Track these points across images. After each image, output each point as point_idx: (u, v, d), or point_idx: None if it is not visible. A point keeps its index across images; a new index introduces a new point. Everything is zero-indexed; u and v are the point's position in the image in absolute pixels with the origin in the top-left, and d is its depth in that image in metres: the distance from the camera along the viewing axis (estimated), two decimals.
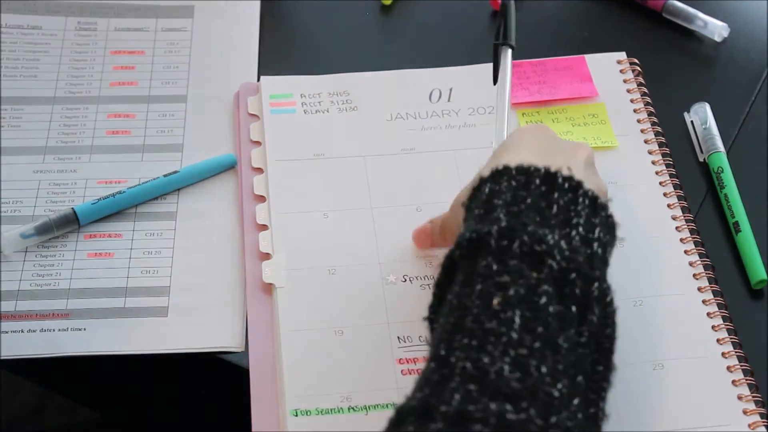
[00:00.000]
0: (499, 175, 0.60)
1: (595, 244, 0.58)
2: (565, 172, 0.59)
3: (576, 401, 0.52)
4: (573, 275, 0.55)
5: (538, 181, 0.59)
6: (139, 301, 0.72)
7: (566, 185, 0.59)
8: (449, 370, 0.51)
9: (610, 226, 0.60)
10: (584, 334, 0.55)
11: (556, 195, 0.58)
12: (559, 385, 0.51)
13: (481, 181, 0.60)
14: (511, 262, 0.55)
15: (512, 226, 0.56)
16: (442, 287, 0.59)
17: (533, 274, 0.54)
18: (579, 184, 0.59)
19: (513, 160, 0.60)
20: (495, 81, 0.74)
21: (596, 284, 0.56)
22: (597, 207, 0.59)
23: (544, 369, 0.51)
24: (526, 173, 0.59)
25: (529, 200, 0.58)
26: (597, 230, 0.59)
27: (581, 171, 0.61)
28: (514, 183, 0.59)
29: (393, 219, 0.75)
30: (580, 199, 0.59)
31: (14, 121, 0.82)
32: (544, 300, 0.54)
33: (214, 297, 0.72)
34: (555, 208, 0.58)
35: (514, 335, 0.52)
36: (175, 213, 0.77)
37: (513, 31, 0.73)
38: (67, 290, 0.72)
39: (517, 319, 0.53)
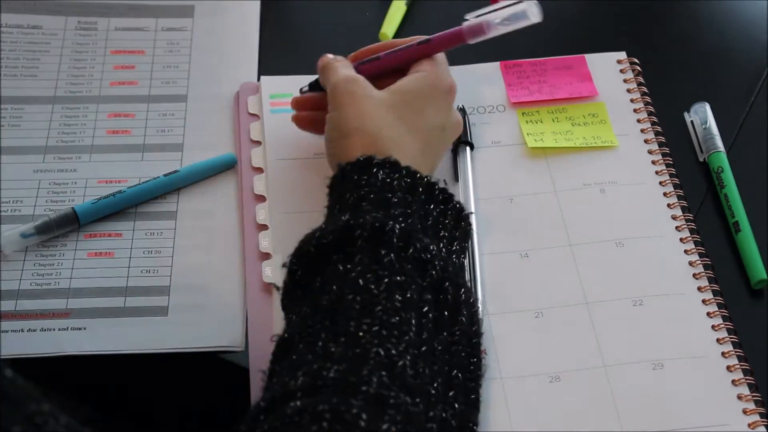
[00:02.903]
0: (392, 167, 0.64)
1: (454, 256, 0.65)
2: (441, 185, 0.66)
3: (451, 394, 0.59)
4: (447, 284, 0.61)
5: (421, 189, 0.64)
6: (139, 300, 0.72)
7: (441, 197, 0.65)
8: (362, 351, 0.56)
9: (465, 234, 0.68)
10: (456, 334, 0.61)
11: (431, 206, 0.65)
12: (436, 384, 0.58)
13: (374, 161, 0.64)
14: (406, 266, 0.60)
15: (408, 230, 0.61)
16: (329, 250, 0.61)
17: (419, 281, 0.60)
18: (450, 197, 0.66)
19: (393, 140, 0.66)
20: (456, 179, 0.77)
21: (463, 290, 0.62)
22: (460, 219, 0.67)
23: (427, 370, 0.57)
24: (412, 177, 0.64)
25: (414, 206, 0.64)
26: (455, 243, 0.66)
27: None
28: (404, 184, 0.64)
29: None
30: (449, 212, 0.66)
31: (14, 120, 0.82)
32: (426, 308, 0.60)
33: (214, 297, 0.72)
34: (430, 219, 0.64)
35: (413, 335, 0.58)
36: (175, 213, 0.77)
37: (469, 131, 0.79)
38: (68, 290, 0.72)
39: (414, 321, 0.58)
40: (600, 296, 0.70)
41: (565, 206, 0.76)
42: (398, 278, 0.59)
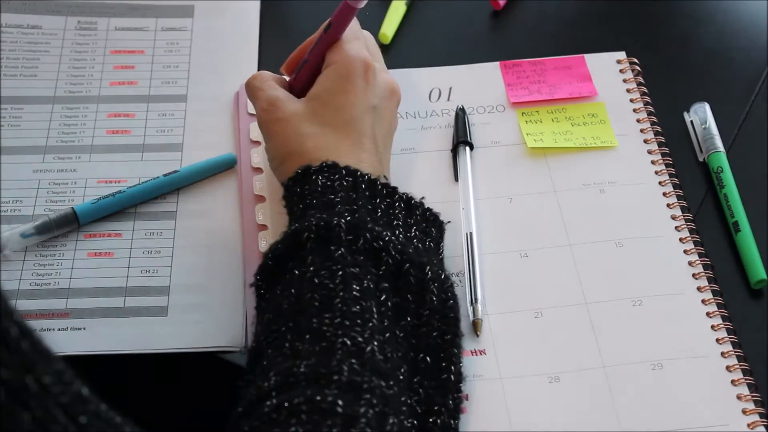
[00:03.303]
0: (330, 170, 0.65)
1: (415, 240, 0.66)
2: (383, 180, 0.66)
3: (416, 379, 0.60)
4: (407, 266, 0.62)
5: (363, 186, 0.65)
6: (139, 300, 0.72)
7: (384, 191, 0.66)
8: (329, 343, 0.57)
9: (429, 219, 0.68)
10: (425, 315, 0.62)
11: (377, 200, 0.65)
12: (402, 369, 0.59)
13: (312, 170, 0.65)
14: (358, 257, 0.61)
15: (356, 222, 0.62)
16: (283, 259, 0.62)
17: (373, 270, 0.61)
18: (394, 191, 0.67)
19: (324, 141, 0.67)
20: (456, 179, 0.76)
21: (428, 268, 0.63)
22: (412, 207, 0.67)
23: (394, 355, 0.59)
24: (353, 176, 0.65)
25: (360, 202, 0.64)
26: (414, 229, 0.66)
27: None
28: (345, 183, 0.65)
29: None
30: (396, 203, 0.66)
31: (14, 120, 0.82)
32: (383, 296, 0.61)
33: (214, 297, 0.72)
34: (379, 211, 0.65)
35: (376, 322, 0.59)
36: (175, 213, 0.77)
37: (469, 131, 0.79)
38: (67, 290, 0.72)
39: (374, 308, 0.59)
40: (600, 296, 0.70)
41: (565, 206, 0.76)
42: (352, 270, 0.60)
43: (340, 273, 0.60)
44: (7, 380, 0.40)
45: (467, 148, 0.78)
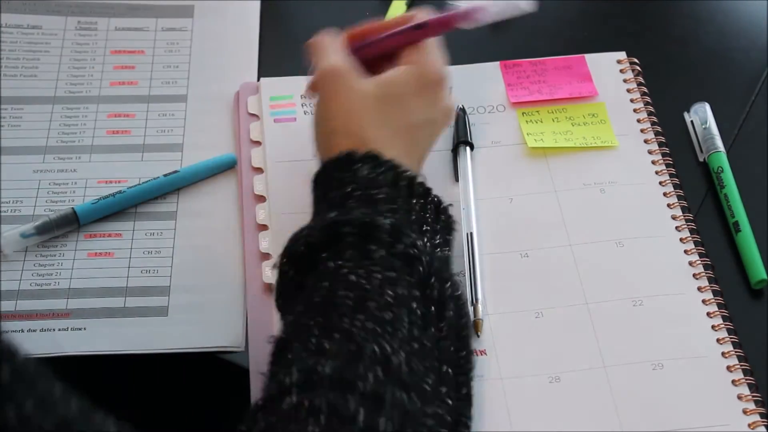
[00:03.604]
0: (374, 161, 0.63)
1: (438, 249, 0.65)
2: (420, 179, 0.65)
3: (444, 390, 0.58)
4: (433, 279, 0.61)
5: (403, 183, 0.64)
6: (139, 300, 0.72)
7: (421, 189, 0.65)
8: (357, 347, 0.55)
9: (448, 227, 0.67)
10: (444, 329, 0.61)
11: (414, 201, 0.64)
12: (429, 380, 0.57)
13: (356, 157, 0.64)
14: (396, 262, 0.60)
15: (398, 225, 0.61)
16: (319, 248, 0.61)
17: (408, 277, 0.60)
18: (428, 192, 0.65)
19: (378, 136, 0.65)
20: (456, 179, 0.77)
21: (449, 284, 0.62)
22: (439, 212, 0.66)
23: (421, 367, 0.57)
24: (395, 171, 0.64)
25: (399, 201, 0.63)
26: (438, 236, 0.65)
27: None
28: (387, 178, 0.63)
29: None
30: (428, 206, 0.65)
31: (14, 120, 0.82)
32: (414, 304, 0.59)
33: (214, 297, 0.72)
34: (413, 214, 0.64)
35: (405, 332, 0.58)
36: (175, 213, 0.77)
37: (469, 131, 0.78)
38: (67, 290, 0.72)
39: (405, 317, 0.58)
40: (600, 296, 0.70)
41: (565, 206, 0.76)
42: (389, 274, 0.59)
43: (378, 276, 0.59)
44: None
45: (467, 148, 0.78)
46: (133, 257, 0.74)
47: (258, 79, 0.85)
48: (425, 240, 0.64)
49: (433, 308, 0.61)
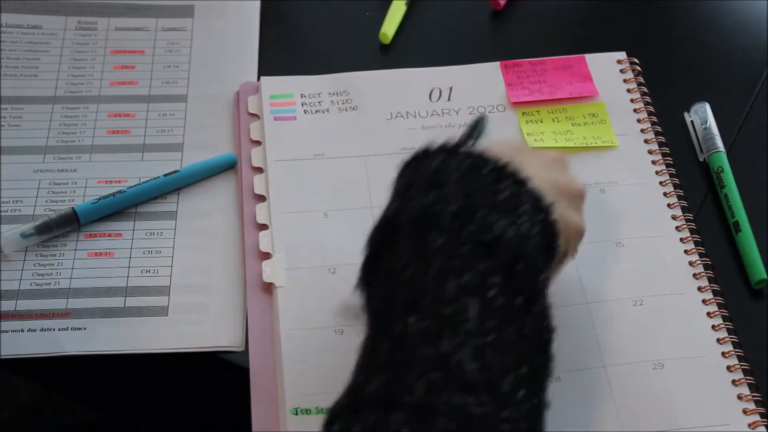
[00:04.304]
0: (449, 152, 0.58)
1: (536, 239, 0.56)
2: (513, 167, 0.57)
3: (521, 393, 0.51)
4: (521, 265, 0.54)
5: (488, 167, 0.57)
6: (139, 300, 0.72)
7: (514, 178, 0.57)
8: (409, 354, 0.49)
9: (549, 232, 0.58)
10: (528, 326, 0.54)
11: (503, 185, 0.56)
12: (509, 378, 0.50)
13: (425, 154, 0.59)
14: (464, 247, 0.53)
15: (466, 207, 0.54)
16: (379, 247, 0.56)
17: (484, 261, 0.53)
18: (525, 181, 0.57)
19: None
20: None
21: (542, 276, 0.55)
22: (540, 207, 0.57)
23: (497, 361, 0.50)
24: (475, 157, 0.58)
25: (477, 183, 0.56)
26: (537, 228, 0.56)
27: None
28: (466, 163, 0.57)
29: None
30: (524, 195, 0.57)
31: (14, 120, 0.82)
32: (493, 291, 0.52)
33: (214, 297, 0.72)
34: (501, 196, 0.56)
35: (472, 324, 0.51)
36: (175, 213, 0.77)
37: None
38: (67, 290, 0.72)
39: (477, 306, 0.51)
40: (600, 296, 0.70)
41: None
42: (452, 262, 0.52)
43: (435, 267, 0.52)
44: None
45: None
46: (133, 257, 0.74)
47: (258, 79, 0.85)
48: (518, 222, 0.55)
49: (520, 298, 0.53)
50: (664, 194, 0.76)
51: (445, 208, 0.54)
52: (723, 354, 0.68)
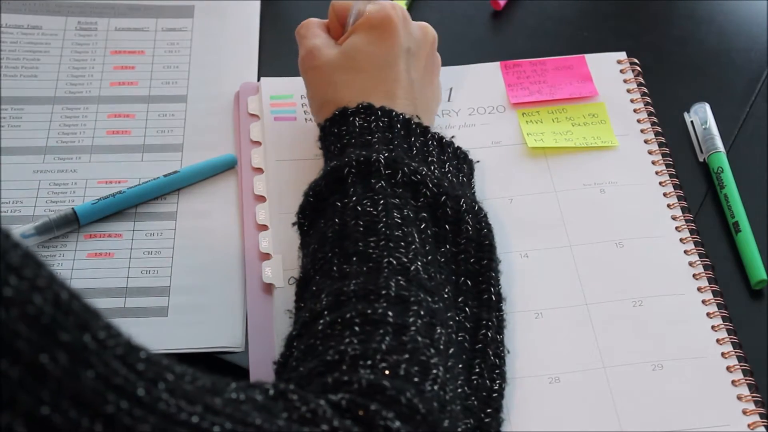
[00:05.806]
0: (366, 111, 0.68)
1: (450, 175, 0.69)
2: (416, 120, 0.69)
3: (461, 299, 0.64)
4: (443, 198, 0.66)
5: (399, 126, 0.68)
6: (139, 301, 0.72)
7: (418, 130, 0.69)
8: (375, 264, 0.60)
9: (459, 157, 0.72)
10: (462, 243, 0.66)
11: (413, 138, 0.68)
12: (447, 290, 0.63)
13: (349, 111, 0.68)
14: (397, 189, 0.64)
15: (394, 158, 0.65)
16: (320, 196, 0.66)
17: (413, 201, 0.65)
18: (426, 129, 0.69)
19: (358, 89, 0.70)
20: None
21: (462, 200, 0.66)
22: (444, 145, 0.70)
23: (438, 276, 0.62)
24: (388, 116, 0.68)
25: (396, 141, 0.67)
26: (447, 165, 0.70)
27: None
28: (381, 123, 0.67)
29: None
30: (430, 142, 0.69)
31: (14, 121, 0.82)
32: (423, 224, 0.64)
33: (214, 297, 0.72)
34: (414, 149, 0.68)
35: (418, 245, 0.62)
36: (175, 213, 0.77)
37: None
38: None
39: (416, 234, 0.63)
40: (600, 296, 0.70)
41: (565, 206, 0.76)
42: (392, 200, 0.63)
43: (382, 202, 0.63)
44: (67, 342, 0.41)
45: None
46: (133, 258, 0.74)
47: (258, 79, 0.85)
48: (432, 168, 0.67)
49: (447, 226, 0.66)
50: (664, 194, 0.76)
51: (378, 159, 0.65)
52: (723, 354, 0.68)
